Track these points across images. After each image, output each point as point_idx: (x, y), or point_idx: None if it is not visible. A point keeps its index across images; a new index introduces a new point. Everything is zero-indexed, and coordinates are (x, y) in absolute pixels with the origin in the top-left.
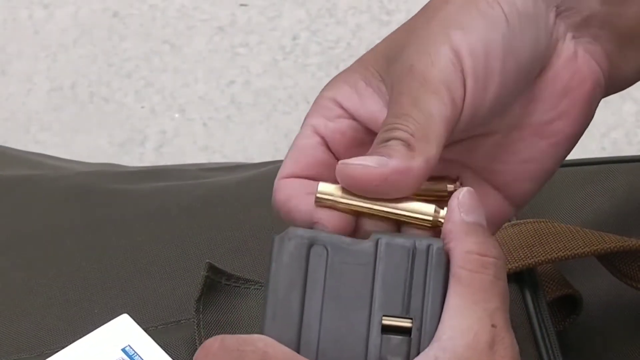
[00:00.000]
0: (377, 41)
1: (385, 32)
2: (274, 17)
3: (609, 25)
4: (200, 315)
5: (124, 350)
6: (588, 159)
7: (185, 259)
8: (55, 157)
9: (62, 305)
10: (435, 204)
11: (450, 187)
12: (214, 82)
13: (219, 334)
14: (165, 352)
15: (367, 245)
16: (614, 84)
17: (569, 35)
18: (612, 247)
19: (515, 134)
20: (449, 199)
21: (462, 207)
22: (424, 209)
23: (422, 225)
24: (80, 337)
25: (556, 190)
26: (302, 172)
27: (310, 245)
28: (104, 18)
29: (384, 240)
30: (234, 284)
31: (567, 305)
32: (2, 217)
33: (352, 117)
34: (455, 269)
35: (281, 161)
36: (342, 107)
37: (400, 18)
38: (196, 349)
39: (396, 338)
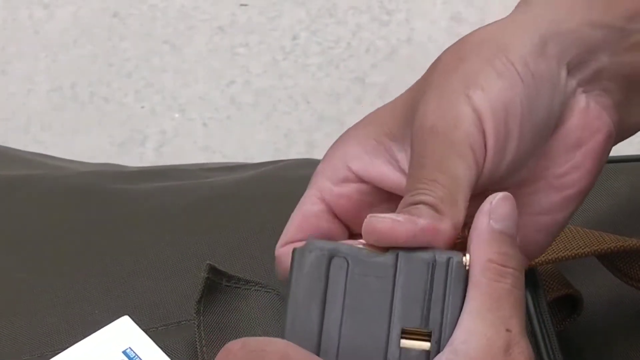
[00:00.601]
0: (377, 41)
1: (385, 32)
2: (274, 17)
3: (618, 77)
4: (201, 316)
5: (124, 352)
6: None
7: (185, 259)
8: (56, 157)
9: (63, 306)
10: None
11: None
12: (214, 82)
13: (219, 335)
14: (166, 353)
15: (387, 258)
16: (621, 132)
17: (580, 89)
18: (612, 247)
19: (529, 187)
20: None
21: (492, 214)
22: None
23: None
24: (80, 339)
25: None
26: (302, 239)
27: (330, 257)
28: (104, 18)
29: (404, 253)
30: (234, 285)
31: (568, 305)
32: (2, 217)
33: (360, 179)
34: (474, 275)
35: (281, 161)
36: (350, 169)
37: (400, 18)
38: (196, 350)
39: (415, 350)
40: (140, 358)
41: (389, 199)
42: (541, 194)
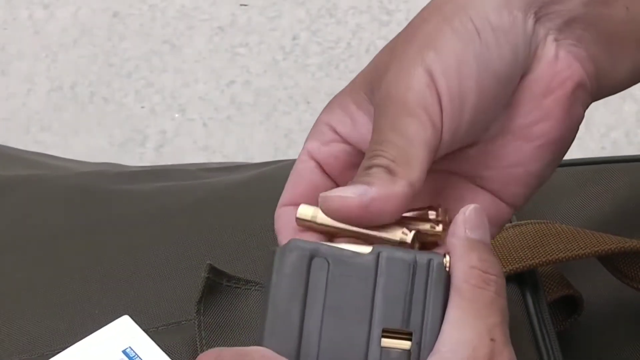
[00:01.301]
0: (377, 41)
1: (385, 32)
2: (274, 17)
3: (593, 28)
4: (201, 316)
5: (124, 352)
6: (588, 158)
7: (185, 259)
8: (56, 156)
9: (63, 306)
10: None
11: (432, 213)
12: (214, 82)
13: (219, 335)
14: (166, 353)
15: (368, 258)
16: (605, 87)
17: (550, 38)
18: (613, 248)
19: (499, 140)
20: (431, 226)
21: (467, 224)
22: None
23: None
24: (81, 338)
25: (557, 190)
26: (301, 197)
27: (311, 258)
28: (104, 18)
29: (385, 254)
30: (234, 285)
31: (568, 305)
32: (2, 217)
33: (345, 141)
34: (457, 282)
35: (281, 161)
36: (335, 132)
37: (400, 18)
38: (197, 350)
39: (395, 351)
40: (140, 358)
41: None
42: (512, 146)
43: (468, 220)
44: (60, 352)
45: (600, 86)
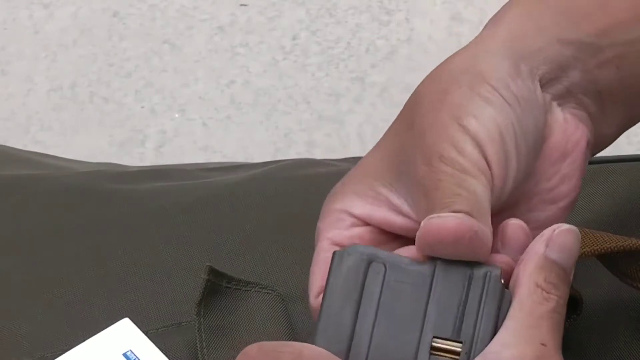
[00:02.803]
0: (378, 41)
1: (385, 32)
2: (274, 17)
3: (591, 92)
4: (201, 318)
5: (125, 354)
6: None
7: (185, 260)
8: (55, 156)
9: (63, 307)
10: None
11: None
12: (214, 82)
13: (219, 337)
14: (166, 355)
15: (425, 267)
16: (597, 143)
17: (555, 103)
18: (612, 247)
19: (524, 206)
20: None
21: (551, 242)
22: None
23: None
24: (80, 340)
25: None
26: None
27: (369, 262)
28: (104, 18)
29: (442, 263)
30: (234, 287)
31: (568, 305)
32: (2, 217)
33: (366, 224)
34: (520, 295)
35: (281, 161)
36: (354, 216)
37: (400, 18)
38: (197, 352)
39: (444, 359)
40: None
41: (397, 238)
42: (538, 210)
43: (554, 239)
44: (61, 354)
45: (595, 143)
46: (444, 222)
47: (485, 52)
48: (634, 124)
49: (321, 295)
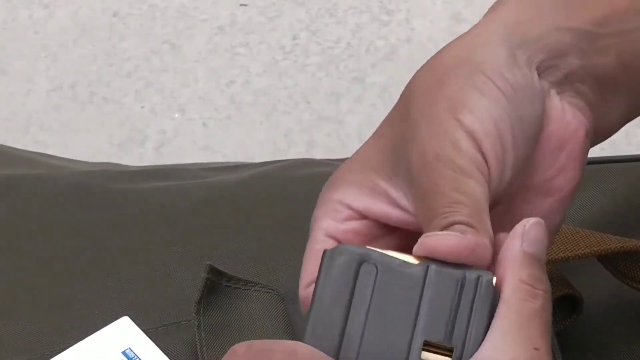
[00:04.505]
0: (378, 41)
1: (385, 32)
2: (274, 17)
3: (589, 79)
4: (201, 317)
5: (124, 353)
6: (588, 158)
7: (185, 259)
8: (55, 156)
9: (63, 306)
10: None
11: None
12: (214, 82)
13: (219, 336)
14: (165, 354)
15: (417, 269)
16: (599, 133)
17: (553, 92)
18: (612, 248)
19: (521, 198)
20: None
21: (525, 237)
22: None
23: None
24: (80, 339)
25: None
26: None
27: (360, 262)
28: (104, 18)
29: (434, 266)
30: (234, 286)
31: (568, 305)
32: (2, 216)
33: (363, 217)
34: (506, 295)
35: (281, 161)
36: (351, 208)
37: (400, 18)
38: (196, 351)
39: None
40: (139, 358)
41: (394, 231)
42: (534, 202)
43: (526, 233)
44: (60, 352)
45: (596, 134)
46: (442, 240)
47: (481, 41)
48: (638, 115)
49: (311, 287)
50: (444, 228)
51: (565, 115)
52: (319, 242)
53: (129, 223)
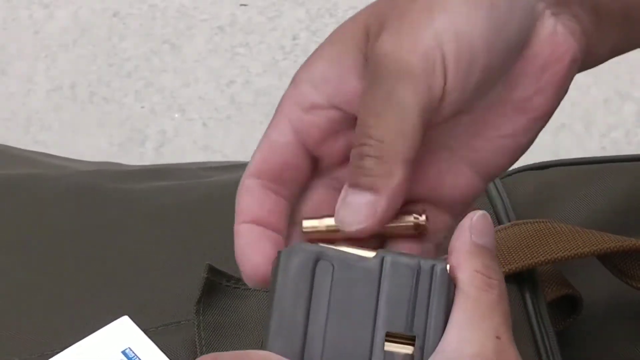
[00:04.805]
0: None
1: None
2: (274, 17)
3: (588, 4)
4: (200, 316)
5: (124, 352)
6: (588, 158)
7: (185, 259)
8: (56, 156)
9: (63, 306)
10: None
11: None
12: (214, 82)
13: (219, 335)
14: (165, 353)
15: (372, 262)
16: (587, 61)
17: (548, 12)
18: (612, 247)
19: (495, 109)
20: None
21: (474, 229)
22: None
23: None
24: (80, 338)
25: (556, 190)
26: (267, 173)
27: (316, 260)
28: (104, 18)
29: (389, 258)
30: (234, 286)
31: (568, 305)
32: (2, 216)
33: (329, 105)
34: (462, 285)
35: None
36: (317, 91)
37: None
38: (196, 350)
39: (399, 354)
40: (139, 358)
41: (354, 125)
42: (508, 117)
43: (475, 226)
44: (60, 352)
45: (585, 61)
46: (350, 217)
47: None
48: (629, 49)
49: (244, 225)
50: (359, 158)
51: (556, 37)
52: (277, 132)
53: (129, 223)
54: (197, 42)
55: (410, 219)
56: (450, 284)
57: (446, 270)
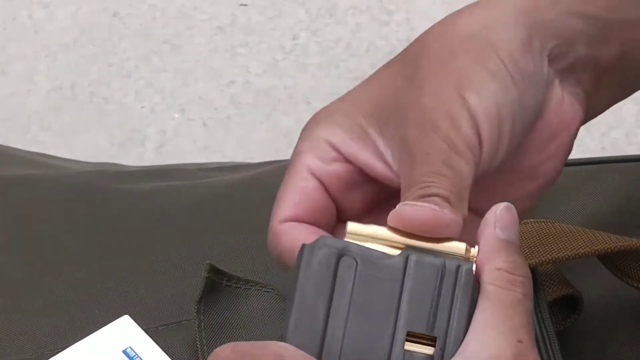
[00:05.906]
0: (378, 41)
1: (385, 32)
2: (274, 17)
3: (590, 67)
4: (201, 316)
5: (124, 352)
6: (588, 158)
7: (185, 259)
8: (56, 156)
9: (63, 305)
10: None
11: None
12: (214, 82)
13: (219, 335)
14: (166, 353)
15: (396, 260)
16: (587, 116)
17: (557, 80)
18: (613, 247)
19: (505, 177)
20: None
21: (498, 223)
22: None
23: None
24: (81, 338)
25: (557, 190)
26: (306, 215)
27: (340, 256)
28: (104, 18)
29: (414, 257)
30: (234, 285)
31: (568, 305)
32: (2, 216)
33: (348, 161)
34: (484, 284)
35: (281, 161)
36: (338, 151)
37: (400, 18)
38: (196, 350)
39: (419, 354)
40: (140, 357)
41: (374, 182)
42: (517, 184)
43: (499, 219)
44: (60, 351)
45: (586, 117)
46: (419, 212)
47: (498, 19)
48: (625, 97)
49: (286, 223)
50: (421, 197)
51: (564, 106)
52: (302, 179)
53: (129, 222)
54: (197, 42)
55: (462, 246)
56: (475, 285)
57: (472, 271)
